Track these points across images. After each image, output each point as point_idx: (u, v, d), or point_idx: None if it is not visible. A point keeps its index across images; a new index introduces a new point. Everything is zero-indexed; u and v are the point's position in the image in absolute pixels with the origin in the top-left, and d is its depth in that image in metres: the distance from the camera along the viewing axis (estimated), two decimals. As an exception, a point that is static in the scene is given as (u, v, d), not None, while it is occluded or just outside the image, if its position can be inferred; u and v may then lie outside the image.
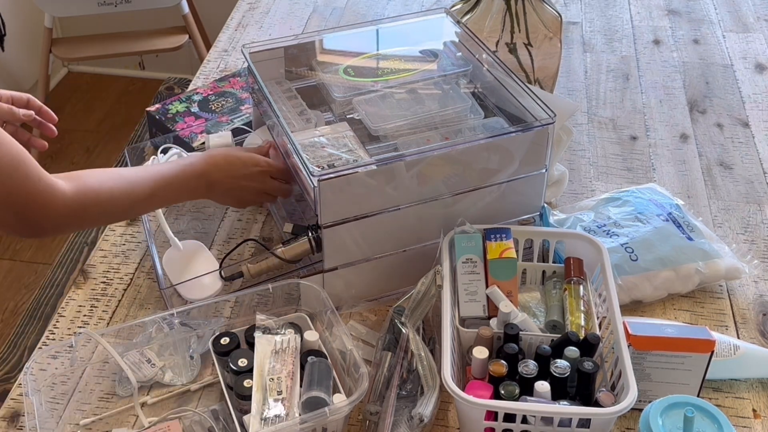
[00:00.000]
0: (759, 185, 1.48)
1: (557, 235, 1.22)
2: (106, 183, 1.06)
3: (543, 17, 1.44)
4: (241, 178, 1.22)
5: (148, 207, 1.17)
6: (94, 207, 1.04)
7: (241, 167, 1.22)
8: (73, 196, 1.00)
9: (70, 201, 1.00)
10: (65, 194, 1.00)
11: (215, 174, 1.19)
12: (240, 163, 1.23)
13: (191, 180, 1.17)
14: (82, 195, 1.02)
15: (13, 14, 3.03)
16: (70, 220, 1.02)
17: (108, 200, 1.06)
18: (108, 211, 1.08)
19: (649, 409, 0.95)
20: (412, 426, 1.02)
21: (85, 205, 1.02)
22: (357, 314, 1.21)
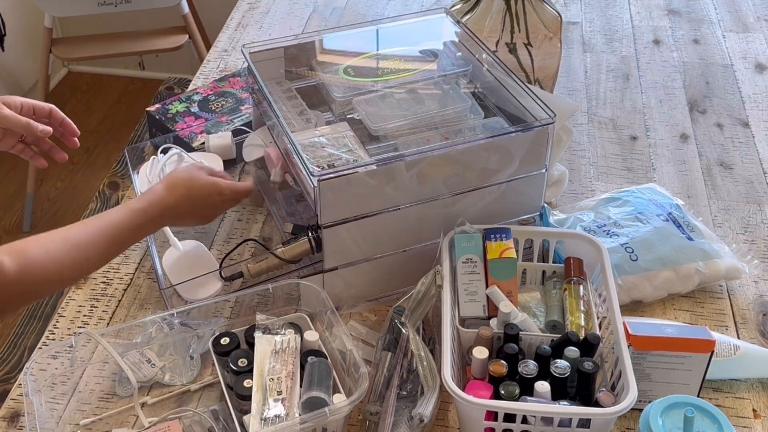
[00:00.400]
0: (759, 185, 1.48)
1: (557, 235, 1.22)
2: (53, 253, 0.97)
3: (543, 17, 1.44)
4: (201, 206, 1.16)
5: (105, 261, 1.07)
6: (42, 283, 0.95)
7: (202, 196, 1.16)
8: (16, 276, 0.91)
9: (13, 280, 0.91)
10: (7, 273, 0.91)
11: (173, 204, 1.12)
12: (201, 191, 1.16)
13: (147, 222, 1.10)
14: (27, 273, 0.93)
15: (13, 14, 3.03)
16: (15, 299, 0.93)
17: (57, 272, 0.97)
18: (59, 280, 0.99)
19: (649, 409, 0.95)
20: (412, 426, 1.02)
21: (30, 283, 0.93)
22: (357, 314, 1.21)
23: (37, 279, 0.93)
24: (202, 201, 1.16)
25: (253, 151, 1.37)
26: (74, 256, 0.98)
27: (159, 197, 1.11)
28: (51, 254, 0.96)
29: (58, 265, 0.96)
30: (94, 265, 1.04)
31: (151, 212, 1.09)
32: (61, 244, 0.98)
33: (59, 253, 0.96)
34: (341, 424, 1.03)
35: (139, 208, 1.08)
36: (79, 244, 0.99)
